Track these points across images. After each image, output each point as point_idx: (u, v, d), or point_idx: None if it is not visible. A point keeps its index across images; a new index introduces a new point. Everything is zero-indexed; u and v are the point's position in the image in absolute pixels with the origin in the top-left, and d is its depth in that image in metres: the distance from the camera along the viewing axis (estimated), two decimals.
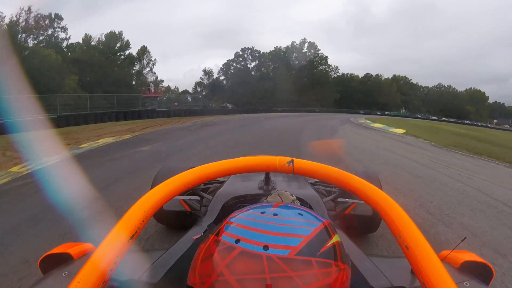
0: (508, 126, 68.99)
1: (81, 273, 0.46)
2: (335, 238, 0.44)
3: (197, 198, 1.62)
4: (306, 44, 47.85)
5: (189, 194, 1.73)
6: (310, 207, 1.33)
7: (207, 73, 48.18)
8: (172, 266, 0.74)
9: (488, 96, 73.73)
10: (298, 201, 1.13)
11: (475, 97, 69.52)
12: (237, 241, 0.39)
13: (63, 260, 0.70)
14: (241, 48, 48.36)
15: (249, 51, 47.66)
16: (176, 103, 26.40)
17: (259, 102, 39.06)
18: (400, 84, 56.47)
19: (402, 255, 0.58)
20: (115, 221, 0.58)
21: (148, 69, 36.30)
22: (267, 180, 1.40)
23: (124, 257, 0.53)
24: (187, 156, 5.71)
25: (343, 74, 53.04)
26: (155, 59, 36.90)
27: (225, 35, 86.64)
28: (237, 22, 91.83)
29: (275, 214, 0.44)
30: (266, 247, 0.38)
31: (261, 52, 47.70)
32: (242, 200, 1.33)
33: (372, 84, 52.80)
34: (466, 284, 0.65)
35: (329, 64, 49.11)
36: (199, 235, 0.84)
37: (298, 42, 48.19)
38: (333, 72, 50.43)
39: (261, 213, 0.45)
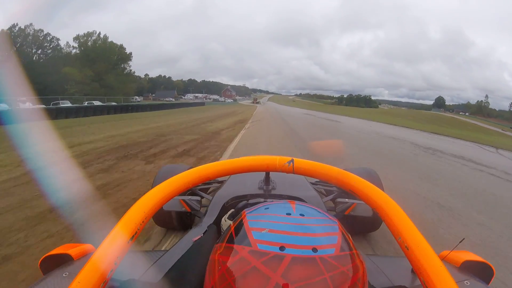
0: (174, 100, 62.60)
1: (81, 273, 0.46)
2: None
3: (197, 198, 1.61)
4: None
5: (188, 194, 1.73)
6: None
7: None
8: (172, 267, 0.74)
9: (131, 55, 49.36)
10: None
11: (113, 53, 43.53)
12: (282, 248, 0.38)
13: (63, 261, 0.70)
14: None
15: None
16: None
17: None
18: None
19: (403, 254, 0.58)
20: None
21: None
22: (267, 180, 1.40)
23: (124, 257, 0.53)
24: None
25: None
26: None
27: None
28: None
29: (301, 215, 0.44)
30: (315, 249, 0.38)
31: None
32: (242, 200, 1.33)
33: None
34: (467, 283, 0.66)
35: None
36: (199, 236, 0.84)
37: None
38: None
39: (287, 214, 0.43)
